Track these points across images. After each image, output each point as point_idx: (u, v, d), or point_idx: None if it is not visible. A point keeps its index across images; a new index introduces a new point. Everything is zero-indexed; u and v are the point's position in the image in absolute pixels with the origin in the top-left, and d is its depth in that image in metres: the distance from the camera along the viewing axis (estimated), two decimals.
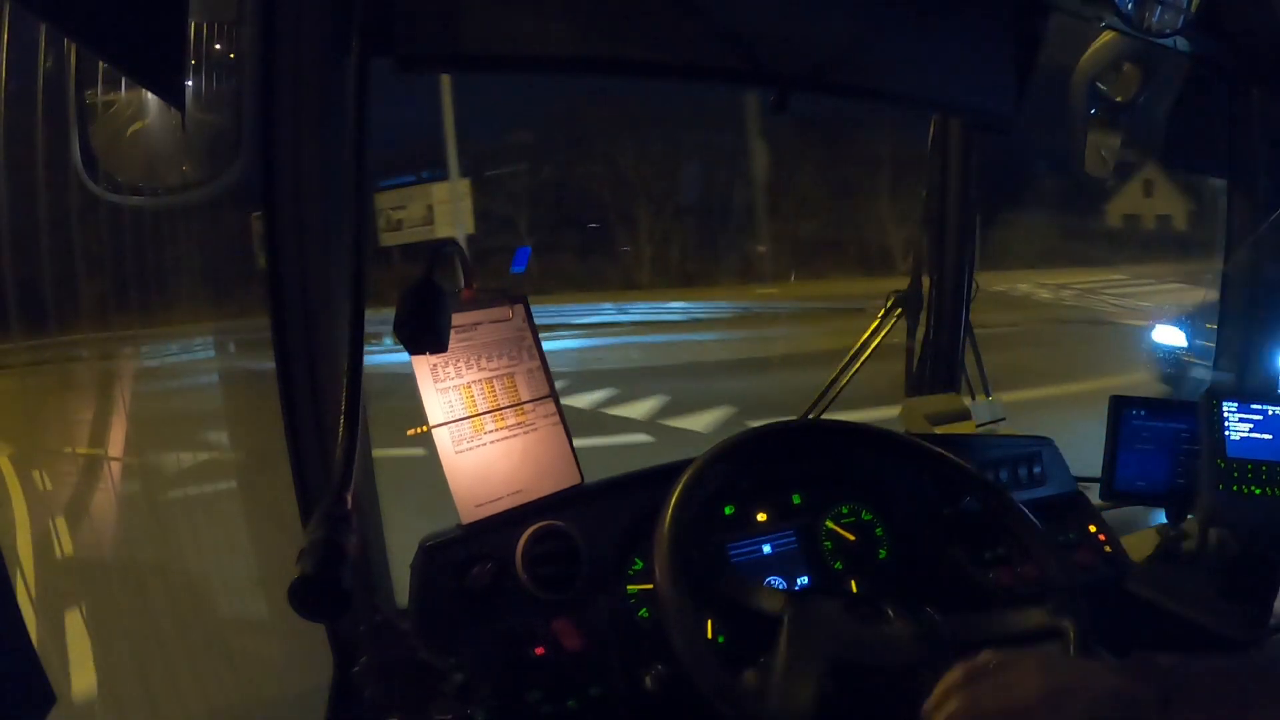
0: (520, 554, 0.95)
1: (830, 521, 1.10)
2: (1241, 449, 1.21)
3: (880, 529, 1.11)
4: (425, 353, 0.91)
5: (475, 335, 1.02)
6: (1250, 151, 1.38)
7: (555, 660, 0.92)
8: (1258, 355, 1.44)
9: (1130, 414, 1.31)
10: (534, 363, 1.06)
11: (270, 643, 1.45)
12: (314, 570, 0.54)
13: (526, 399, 1.04)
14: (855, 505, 1.12)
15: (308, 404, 0.94)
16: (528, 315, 1.06)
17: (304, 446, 0.95)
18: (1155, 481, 1.30)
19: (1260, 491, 1.18)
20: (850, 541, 1.09)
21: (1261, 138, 1.37)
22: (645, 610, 0.99)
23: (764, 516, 1.08)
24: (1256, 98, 1.35)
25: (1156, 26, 1.01)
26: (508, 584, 0.94)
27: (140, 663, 1.26)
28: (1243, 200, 1.43)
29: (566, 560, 0.97)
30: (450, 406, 0.98)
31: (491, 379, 1.02)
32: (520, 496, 1.00)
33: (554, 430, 1.05)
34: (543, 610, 0.94)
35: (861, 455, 1.12)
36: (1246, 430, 1.22)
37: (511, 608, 0.94)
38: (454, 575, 0.93)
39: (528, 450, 1.02)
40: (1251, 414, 1.22)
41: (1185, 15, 1.01)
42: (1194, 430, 1.26)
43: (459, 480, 0.97)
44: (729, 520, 1.07)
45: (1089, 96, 1.31)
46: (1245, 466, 1.20)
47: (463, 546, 0.95)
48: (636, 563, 1.01)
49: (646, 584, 0.99)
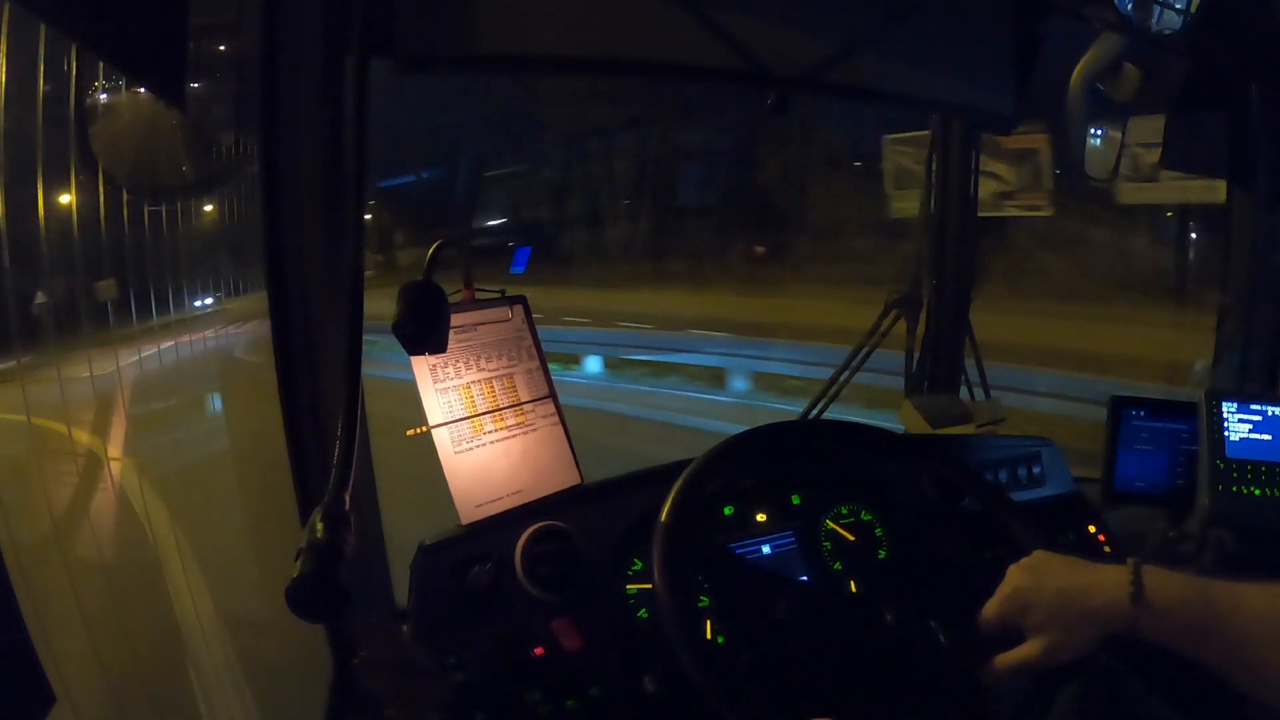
0: (520, 554, 0.95)
1: (830, 522, 1.10)
2: (1241, 449, 1.21)
3: (880, 529, 1.11)
4: (425, 353, 0.91)
5: (475, 336, 1.02)
6: (1250, 151, 1.38)
7: (555, 660, 0.91)
8: (1258, 355, 1.44)
9: (1130, 414, 1.31)
10: (533, 363, 1.06)
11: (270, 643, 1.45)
12: (311, 570, 0.54)
13: (526, 399, 1.04)
14: (855, 505, 1.12)
15: (308, 404, 0.94)
16: (527, 316, 1.07)
17: (304, 446, 0.95)
18: (1155, 482, 1.30)
19: (1260, 492, 1.18)
20: (850, 542, 1.09)
21: (1261, 138, 1.36)
22: (644, 610, 0.99)
23: (763, 517, 1.08)
24: (1256, 98, 1.35)
25: (1156, 27, 1.01)
26: (507, 584, 0.94)
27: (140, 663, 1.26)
28: (1243, 200, 1.43)
29: (566, 560, 0.97)
30: (450, 407, 0.98)
31: (491, 379, 1.02)
32: (520, 497, 1.00)
33: (554, 430, 1.05)
34: (542, 610, 0.94)
35: (861, 455, 1.12)
36: (1246, 431, 1.22)
37: (511, 608, 0.94)
38: (453, 575, 0.93)
39: (527, 450, 1.02)
40: (1251, 414, 1.22)
41: (1185, 16, 1.01)
42: (1194, 430, 1.26)
43: (459, 480, 0.97)
44: (729, 520, 1.07)
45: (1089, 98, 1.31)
46: (1245, 467, 1.20)
47: (462, 547, 0.95)
48: (636, 563, 1.01)
49: (646, 584, 0.99)
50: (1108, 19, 1.07)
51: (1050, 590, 0.76)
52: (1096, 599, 0.72)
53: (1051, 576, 0.77)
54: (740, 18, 1.00)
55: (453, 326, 0.90)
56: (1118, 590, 0.71)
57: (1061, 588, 0.75)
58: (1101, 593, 0.72)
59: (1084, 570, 0.76)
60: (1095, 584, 0.73)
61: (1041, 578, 0.77)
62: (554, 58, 1.00)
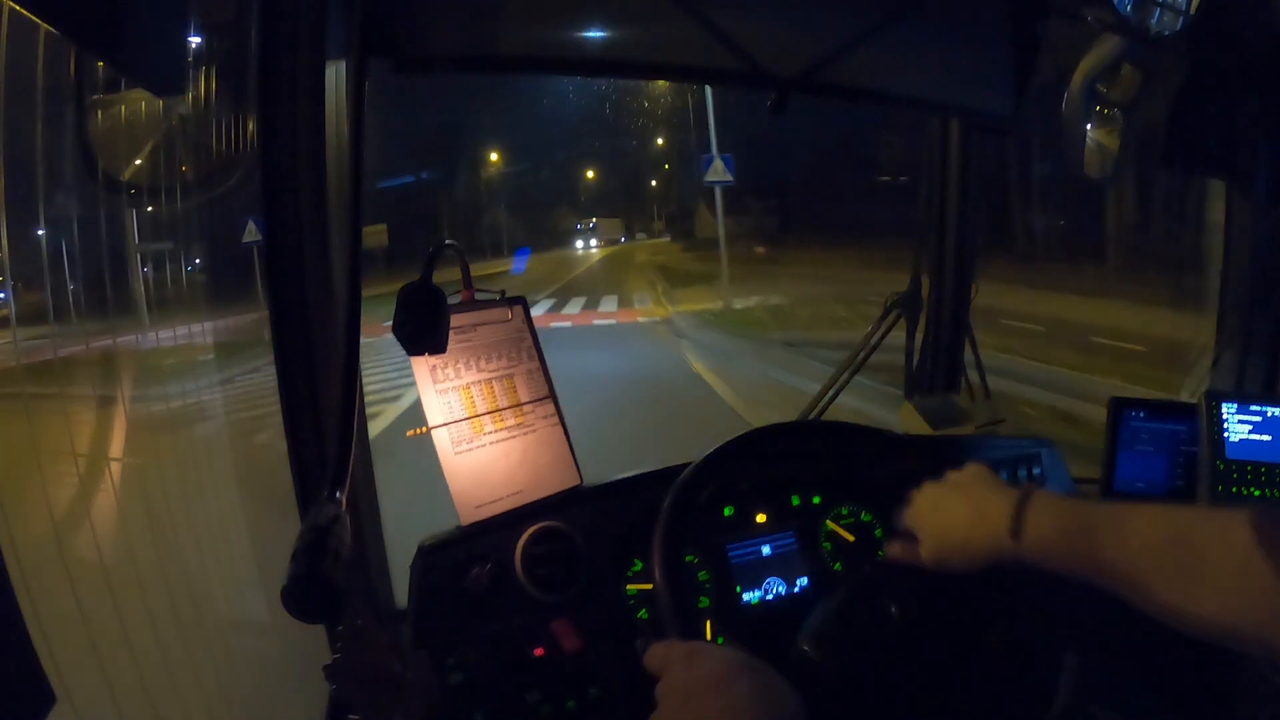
0: (519, 555, 0.95)
1: (830, 522, 1.10)
2: (1241, 450, 1.21)
3: (880, 530, 1.11)
4: (424, 354, 0.91)
5: (474, 336, 1.02)
6: (1250, 152, 1.38)
7: (554, 661, 0.92)
8: (1257, 356, 1.44)
9: (1129, 415, 1.31)
10: (533, 364, 1.06)
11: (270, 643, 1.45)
12: (307, 570, 0.54)
13: (526, 400, 1.04)
14: (855, 506, 1.12)
15: (307, 404, 0.94)
16: (526, 316, 1.07)
17: (303, 446, 0.95)
18: (1154, 483, 1.30)
19: (1260, 493, 1.18)
20: (850, 542, 1.10)
21: (1261, 138, 1.36)
22: (644, 611, 0.99)
23: (763, 518, 1.09)
24: (1256, 98, 1.35)
25: (1156, 28, 1.01)
26: (507, 585, 0.95)
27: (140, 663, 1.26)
28: (1242, 200, 1.43)
29: (565, 561, 0.97)
30: (449, 407, 0.98)
31: (491, 380, 1.02)
32: (519, 497, 1.00)
33: (553, 431, 1.05)
34: (542, 611, 0.94)
35: (861, 456, 1.12)
36: (1246, 431, 1.22)
37: (510, 609, 0.94)
38: (453, 576, 0.93)
39: (527, 451, 1.02)
40: (1251, 415, 1.22)
41: (1185, 17, 1.01)
42: (1193, 431, 1.26)
43: (458, 481, 0.97)
44: (728, 521, 1.08)
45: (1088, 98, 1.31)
46: (1245, 468, 1.20)
47: (462, 547, 0.95)
48: (635, 564, 1.01)
49: (646, 584, 0.99)
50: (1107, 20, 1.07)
51: (939, 520, 0.80)
52: (978, 532, 0.76)
53: (945, 504, 0.81)
54: (740, 18, 1.00)
55: (452, 327, 0.90)
56: (1000, 522, 0.73)
57: (948, 519, 0.79)
58: (985, 526, 0.75)
59: (974, 502, 0.78)
60: (981, 517, 0.76)
61: (937, 503, 0.82)
62: (554, 58, 1.00)
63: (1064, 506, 0.72)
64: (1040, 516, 0.72)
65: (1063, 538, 0.70)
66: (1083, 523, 0.69)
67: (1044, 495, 0.74)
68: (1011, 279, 9.96)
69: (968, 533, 0.77)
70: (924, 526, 0.82)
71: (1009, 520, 0.73)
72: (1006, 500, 0.75)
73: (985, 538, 0.75)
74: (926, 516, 0.82)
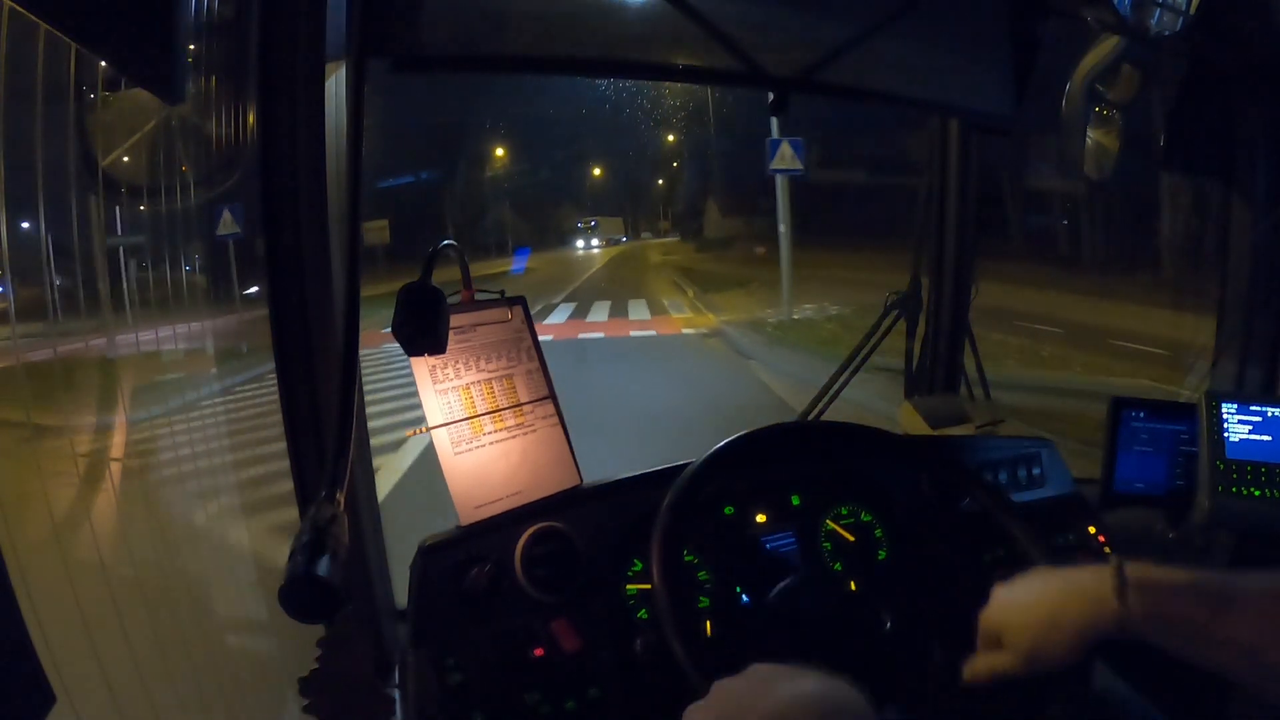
0: (519, 555, 0.95)
1: (830, 522, 1.10)
2: (1241, 450, 1.21)
3: (880, 530, 1.11)
4: (424, 354, 0.91)
5: (474, 337, 1.02)
6: (1250, 152, 1.38)
7: (554, 661, 0.92)
8: (1258, 356, 1.44)
9: (1129, 415, 1.31)
10: (533, 364, 1.06)
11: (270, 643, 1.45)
12: (304, 571, 0.54)
13: (525, 400, 1.04)
14: (854, 506, 1.12)
15: (307, 404, 0.94)
16: (526, 317, 1.07)
17: (302, 446, 0.95)
18: (1154, 483, 1.30)
19: (1260, 493, 1.18)
20: (850, 542, 1.09)
21: (1261, 138, 1.36)
22: (644, 611, 0.99)
23: (763, 517, 1.08)
24: (1256, 98, 1.35)
25: (1156, 28, 1.01)
26: (506, 585, 0.94)
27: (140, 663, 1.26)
28: (1242, 200, 1.43)
29: (565, 561, 0.97)
30: (449, 408, 0.98)
31: (490, 380, 1.02)
32: (519, 498, 1.00)
33: (553, 431, 1.05)
34: (541, 611, 0.94)
35: (860, 456, 1.12)
36: (1246, 432, 1.22)
37: (510, 609, 0.94)
38: (453, 576, 0.93)
39: (526, 452, 1.02)
40: (1251, 415, 1.22)
41: (1185, 17, 1.01)
42: (1193, 431, 1.26)
43: (458, 481, 0.97)
44: (728, 521, 1.07)
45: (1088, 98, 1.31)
46: (1245, 468, 1.20)
47: (461, 548, 0.95)
48: (635, 564, 1.01)
49: (645, 584, 0.99)
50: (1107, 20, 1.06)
51: (1024, 603, 0.75)
52: (1074, 604, 0.71)
53: (1027, 588, 0.76)
54: (739, 18, 1.00)
55: (452, 328, 0.90)
56: (1099, 590, 0.69)
57: (1035, 599, 0.74)
58: (1080, 597, 0.70)
59: (1062, 577, 0.74)
60: (1072, 589, 0.72)
61: (1018, 591, 0.76)
62: (554, 58, 1.00)
63: (1163, 568, 0.69)
64: (1144, 575, 0.68)
65: (1171, 599, 0.66)
66: (1190, 583, 0.66)
67: (1138, 562, 0.70)
68: (1020, 279, 9.76)
69: (1060, 607, 0.71)
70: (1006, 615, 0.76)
71: (1112, 583, 0.68)
72: (1100, 569, 0.70)
73: (1082, 609, 0.70)
74: (1006, 605, 0.76)
